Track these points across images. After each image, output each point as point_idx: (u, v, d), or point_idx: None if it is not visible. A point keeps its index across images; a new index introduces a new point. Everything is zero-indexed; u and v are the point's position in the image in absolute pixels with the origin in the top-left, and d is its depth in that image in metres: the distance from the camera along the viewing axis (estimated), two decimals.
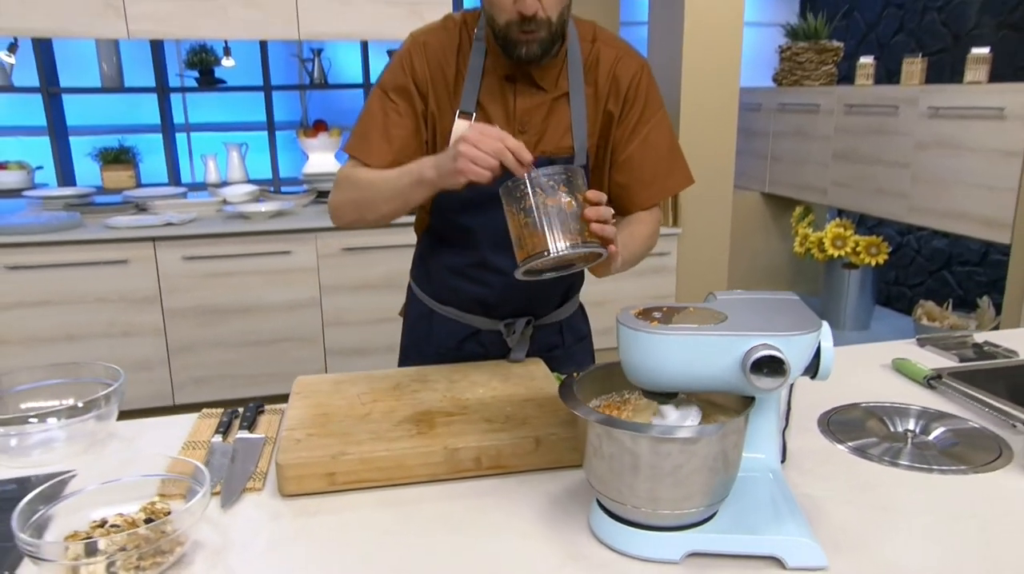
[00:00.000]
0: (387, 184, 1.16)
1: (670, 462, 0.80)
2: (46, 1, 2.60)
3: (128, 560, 0.81)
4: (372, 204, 1.19)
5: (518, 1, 1.11)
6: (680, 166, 1.33)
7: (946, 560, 0.85)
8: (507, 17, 1.14)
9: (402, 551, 0.88)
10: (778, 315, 0.87)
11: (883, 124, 3.61)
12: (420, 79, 1.24)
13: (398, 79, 1.25)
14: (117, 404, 1.17)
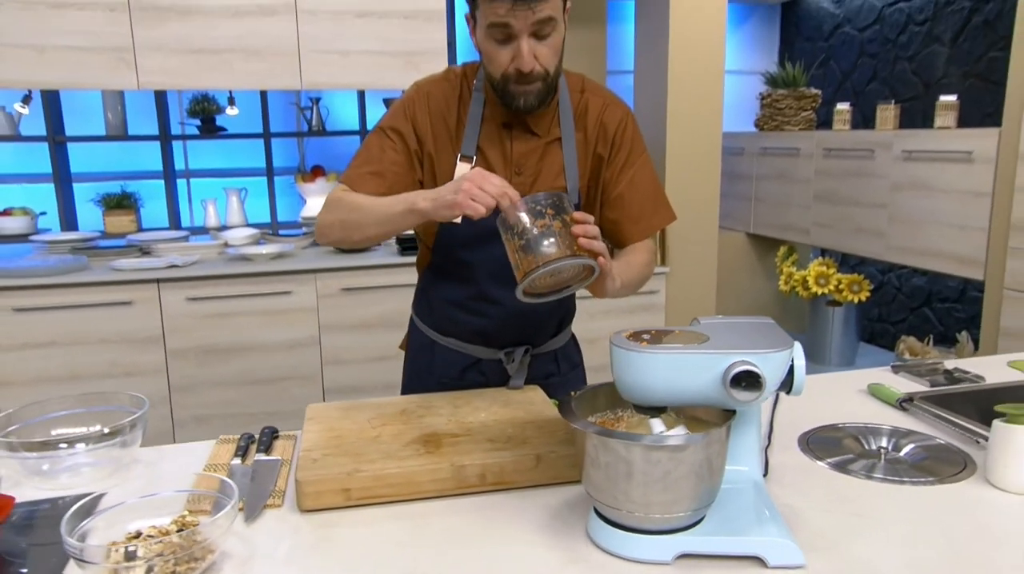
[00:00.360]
0: (378, 209, 1.23)
1: (660, 468, 0.88)
2: (62, 55, 2.72)
3: (165, 565, 0.88)
4: (360, 226, 1.26)
5: (516, 58, 1.22)
6: (664, 204, 1.44)
7: (915, 559, 0.93)
8: (505, 72, 1.25)
9: (414, 560, 0.95)
10: (755, 336, 0.96)
11: (860, 167, 3.77)
12: (420, 125, 1.35)
13: (398, 122, 1.35)
14: (141, 431, 1.24)
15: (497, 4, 1.17)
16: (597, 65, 4.23)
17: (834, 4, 4.79)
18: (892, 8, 4.33)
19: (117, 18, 2.74)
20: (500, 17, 1.19)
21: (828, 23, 4.86)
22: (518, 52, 1.21)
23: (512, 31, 1.20)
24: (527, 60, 1.21)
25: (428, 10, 3.06)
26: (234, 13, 2.84)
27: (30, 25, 2.68)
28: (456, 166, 1.34)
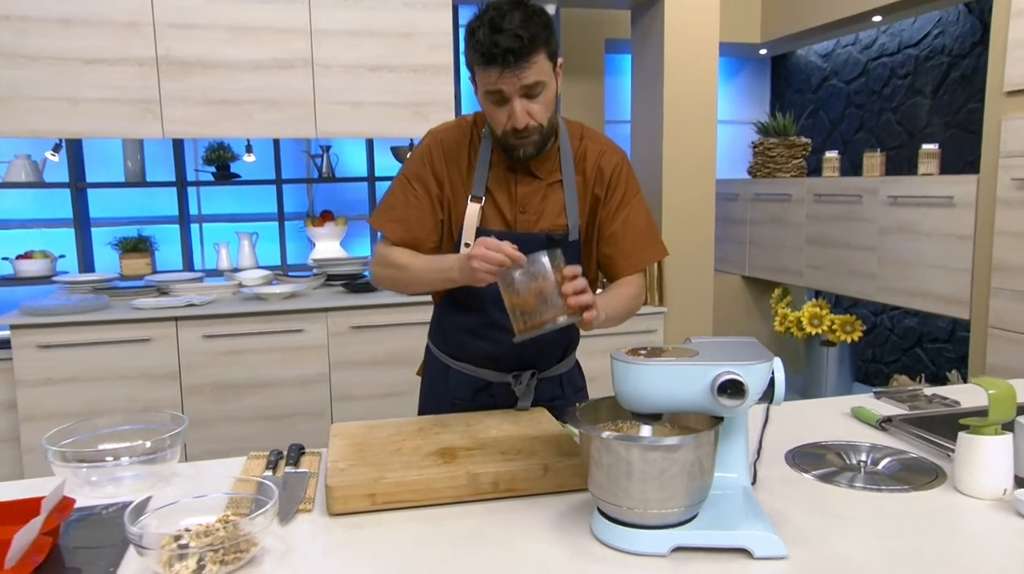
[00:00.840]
0: (420, 274, 1.45)
1: (656, 467, 0.99)
2: (93, 107, 2.89)
3: (215, 556, 0.98)
4: (406, 285, 1.50)
5: (511, 117, 1.37)
6: (656, 240, 1.57)
7: (887, 553, 1.03)
8: (504, 129, 1.41)
9: (434, 555, 1.05)
10: (739, 351, 1.08)
11: (849, 211, 3.93)
12: (437, 169, 1.50)
13: (418, 169, 1.51)
14: (180, 447, 1.35)
15: (489, 73, 1.34)
16: (595, 115, 4.42)
17: (821, 58, 5.02)
18: (876, 62, 4.55)
19: (146, 72, 2.92)
20: (493, 84, 1.35)
21: (816, 76, 5.08)
22: (512, 112, 1.37)
23: (505, 95, 1.36)
24: (520, 118, 1.37)
25: (436, 64, 3.25)
26: (255, 67, 3.02)
27: (64, 79, 2.86)
28: (467, 206, 1.48)
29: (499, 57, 1.31)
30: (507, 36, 1.30)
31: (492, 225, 1.49)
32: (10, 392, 2.87)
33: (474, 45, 1.35)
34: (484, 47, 1.32)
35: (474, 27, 1.36)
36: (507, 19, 1.31)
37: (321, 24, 3.07)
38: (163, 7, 2.91)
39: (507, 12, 1.33)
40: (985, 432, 1.18)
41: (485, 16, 1.34)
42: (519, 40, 1.30)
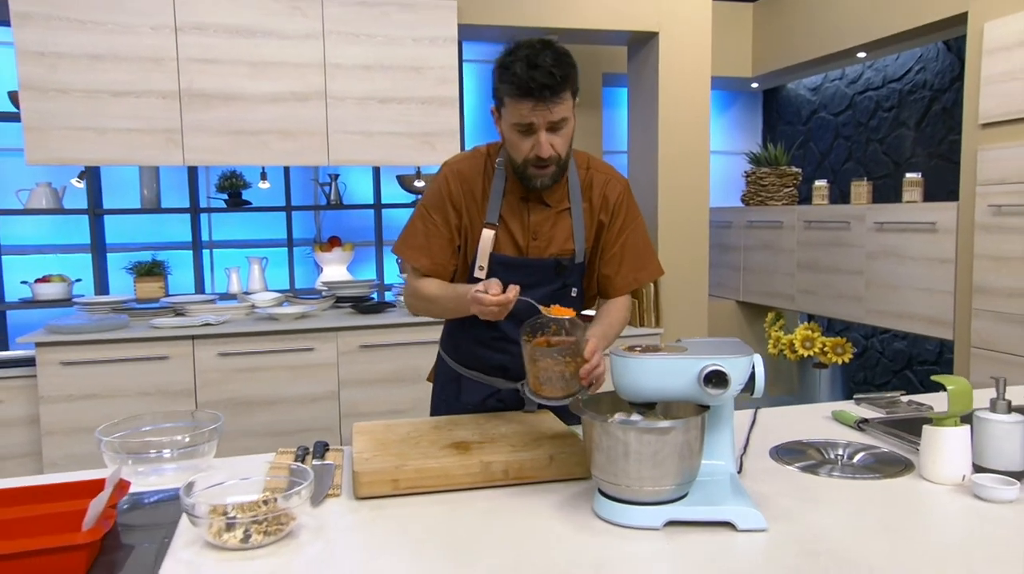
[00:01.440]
0: (445, 305, 1.61)
1: (650, 448, 1.12)
2: (120, 136, 3.05)
3: (259, 528, 1.11)
4: (433, 314, 1.68)
5: (535, 147, 1.50)
6: (652, 261, 1.71)
7: (858, 528, 1.16)
8: (526, 158, 1.53)
9: (452, 532, 1.17)
10: (723, 347, 1.22)
11: (838, 237, 4.09)
12: (455, 199, 1.63)
13: (436, 199, 1.63)
14: (216, 441, 1.48)
15: (522, 106, 1.46)
16: (594, 145, 4.60)
17: (810, 92, 5.23)
18: (862, 96, 4.75)
19: (169, 104, 3.09)
20: (524, 116, 1.47)
21: (806, 108, 5.28)
22: (538, 143, 1.49)
23: (534, 127, 1.48)
24: (545, 149, 1.50)
25: (442, 97, 3.43)
26: (271, 99, 3.19)
27: (93, 110, 3.02)
28: (482, 232, 1.61)
29: (535, 91, 1.44)
30: (543, 73, 1.43)
31: (505, 250, 1.62)
32: (33, 407, 2.99)
33: (510, 79, 1.46)
34: (521, 81, 1.44)
35: (508, 63, 1.47)
36: (541, 57, 1.44)
37: (335, 59, 3.25)
38: (187, 44, 3.09)
39: (540, 51, 1.46)
40: (946, 424, 1.31)
41: (520, 53, 1.46)
42: (553, 77, 1.43)
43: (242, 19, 3.14)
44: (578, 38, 3.92)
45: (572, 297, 1.64)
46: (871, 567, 1.03)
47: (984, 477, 1.26)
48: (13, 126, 3.73)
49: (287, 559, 1.08)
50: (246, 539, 1.10)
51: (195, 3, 3.09)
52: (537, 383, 1.40)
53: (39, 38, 2.94)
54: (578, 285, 1.66)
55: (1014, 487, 1.23)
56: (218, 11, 3.11)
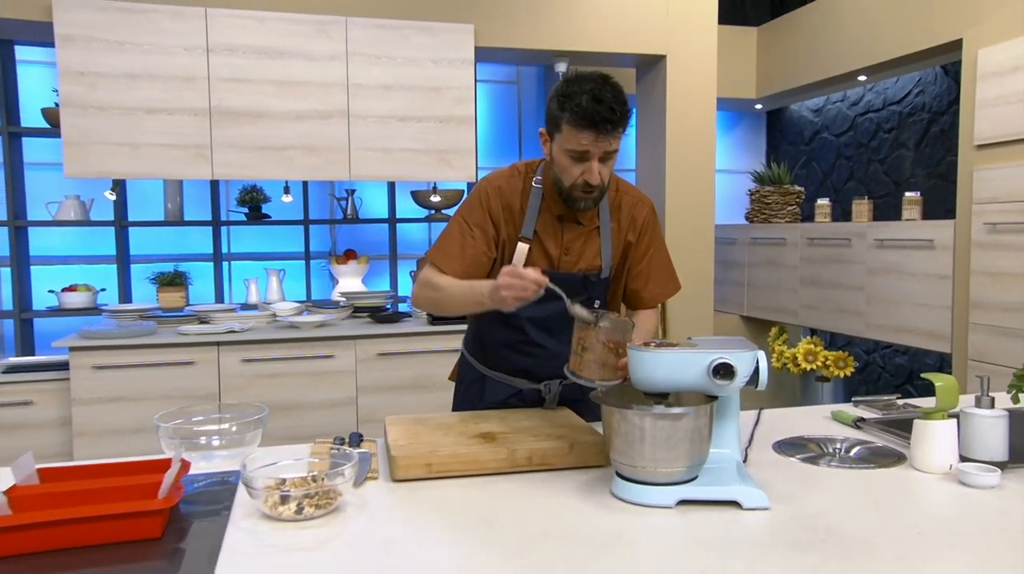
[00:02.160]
0: (457, 298, 1.65)
1: (664, 433, 1.24)
2: (153, 151, 3.21)
3: (310, 501, 1.23)
4: (443, 305, 1.69)
5: (586, 174, 1.59)
6: (673, 277, 1.85)
7: (852, 509, 1.27)
8: (573, 182, 1.62)
9: (483, 508, 1.29)
10: (730, 344, 1.34)
11: (840, 254, 4.21)
12: (494, 213, 1.73)
13: (476, 214, 1.73)
14: (261, 430, 1.60)
15: (582, 135, 1.55)
16: None
17: (813, 113, 5.38)
18: (863, 118, 4.89)
19: (200, 121, 3.24)
20: (582, 145, 1.57)
21: (808, 129, 5.43)
22: (589, 171, 1.59)
23: (588, 155, 1.58)
24: (595, 176, 1.60)
25: (459, 116, 3.57)
26: (296, 117, 3.34)
27: (129, 126, 3.17)
28: (517, 246, 1.73)
29: (598, 124, 1.53)
30: (606, 107, 1.52)
31: (539, 264, 1.73)
32: (66, 410, 3.11)
33: (574, 109, 1.53)
34: (586, 113, 1.52)
35: (572, 92, 1.55)
36: (605, 91, 1.53)
37: (357, 79, 3.41)
38: (217, 64, 3.24)
39: (603, 86, 1.54)
40: (934, 417, 1.43)
41: (585, 86, 1.54)
42: (615, 113, 1.52)
43: (270, 41, 3.29)
44: (589, 60, 4.08)
45: (595, 308, 1.76)
46: (864, 540, 1.14)
47: (968, 465, 1.37)
48: (43, 141, 3.89)
49: (337, 530, 1.20)
50: (299, 511, 1.22)
51: (226, 26, 3.25)
52: (579, 364, 1.50)
53: (81, 58, 3.10)
54: (602, 298, 1.78)
55: (995, 474, 1.35)
56: (248, 33, 3.27)
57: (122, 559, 1.07)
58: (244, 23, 3.26)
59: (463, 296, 1.64)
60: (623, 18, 3.77)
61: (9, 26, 3.22)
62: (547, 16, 3.67)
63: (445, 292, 1.67)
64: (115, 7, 3.12)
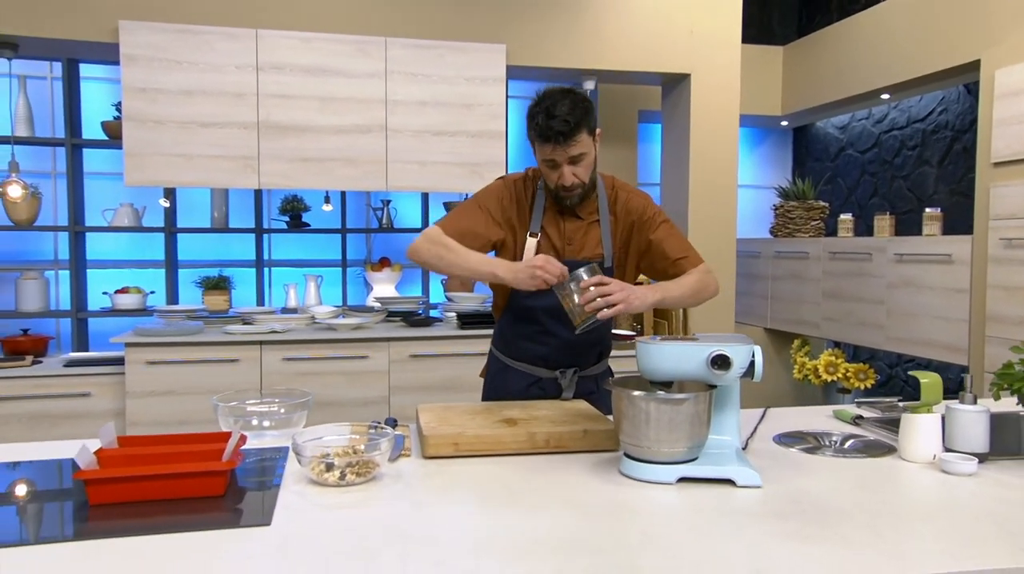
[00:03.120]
0: (469, 261, 1.82)
1: (667, 416, 1.39)
2: (205, 162, 3.44)
3: (351, 469, 1.40)
4: (451, 265, 1.84)
5: (560, 178, 1.83)
6: (693, 250, 1.97)
7: (839, 489, 1.40)
8: (554, 184, 1.86)
9: (506, 480, 1.45)
10: (729, 339, 1.48)
11: (861, 268, 4.30)
12: (505, 205, 1.94)
13: (489, 200, 1.94)
14: (306, 413, 1.78)
15: (545, 147, 1.81)
16: (629, 177, 4.89)
17: (838, 130, 5.47)
18: (888, 135, 4.98)
19: (248, 134, 3.47)
20: (548, 155, 1.82)
21: (834, 146, 5.52)
22: (561, 175, 1.83)
23: (557, 162, 1.82)
24: (567, 179, 1.83)
25: (491, 131, 3.76)
26: (338, 131, 3.56)
27: (184, 139, 3.41)
28: (527, 239, 1.92)
29: (552, 137, 1.78)
30: (558, 121, 1.76)
31: (545, 253, 1.92)
32: (120, 402, 3.33)
33: (534, 127, 1.81)
34: (542, 129, 1.79)
35: (534, 112, 1.81)
36: (559, 106, 1.77)
37: (395, 96, 3.61)
38: (266, 81, 3.47)
39: (559, 100, 1.78)
40: (920, 411, 1.55)
41: (543, 104, 1.80)
42: (567, 124, 1.76)
43: (315, 60, 3.51)
44: (616, 78, 4.24)
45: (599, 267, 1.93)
46: (842, 512, 1.28)
47: (950, 454, 1.50)
48: (102, 152, 4.16)
49: (375, 494, 1.37)
50: (342, 478, 1.39)
51: (275, 46, 3.48)
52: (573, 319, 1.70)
53: (143, 76, 3.35)
54: None
55: (972, 462, 1.47)
56: (294, 53, 3.49)
57: (192, 510, 1.25)
58: (291, 43, 3.49)
59: (476, 263, 1.81)
60: (648, 38, 3.93)
61: (77, 46, 3.47)
62: (576, 37, 3.84)
63: (457, 254, 1.83)
64: (175, 29, 3.37)
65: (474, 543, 1.14)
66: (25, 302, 4.05)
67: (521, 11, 3.78)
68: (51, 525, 1.23)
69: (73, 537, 1.15)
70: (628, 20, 3.90)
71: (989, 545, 1.15)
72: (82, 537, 1.14)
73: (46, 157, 4.21)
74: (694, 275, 1.93)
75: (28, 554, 1.09)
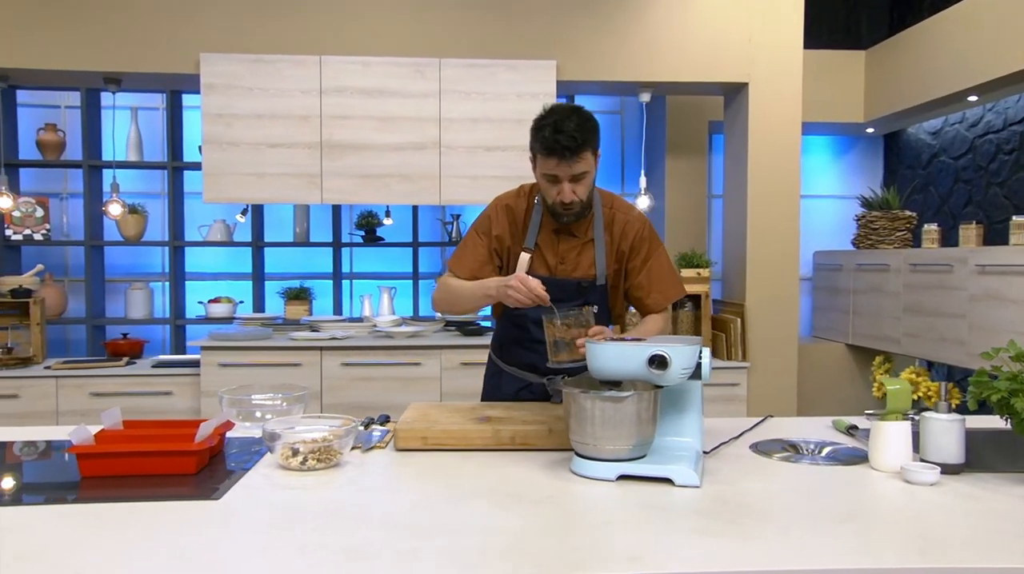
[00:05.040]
0: (467, 294, 1.92)
1: (606, 414, 1.43)
2: (273, 179, 3.72)
3: (314, 454, 1.51)
4: (457, 304, 1.97)
5: (560, 194, 1.84)
6: (676, 283, 2.00)
7: (781, 493, 1.39)
8: (552, 200, 1.87)
9: (464, 471, 1.52)
10: (676, 340, 1.50)
11: (942, 280, 4.05)
12: (500, 227, 1.99)
13: (485, 226, 2.01)
14: (303, 405, 1.92)
15: (549, 161, 1.81)
16: (699, 190, 4.83)
17: (931, 135, 5.17)
18: (982, 139, 4.67)
19: (312, 153, 3.73)
20: (551, 170, 1.83)
21: (926, 152, 5.22)
22: (562, 191, 1.83)
23: (559, 178, 1.83)
24: (567, 196, 1.83)
25: None
26: (394, 148, 3.75)
27: (255, 159, 3.71)
28: (520, 256, 1.98)
29: (559, 152, 1.78)
30: (566, 137, 1.76)
31: (539, 270, 1.97)
32: (196, 401, 3.64)
33: (540, 140, 1.81)
34: (548, 143, 1.78)
35: (541, 125, 1.81)
36: (567, 122, 1.76)
37: (449, 114, 3.77)
38: (329, 104, 3.72)
39: (567, 116, 1.78)
40: (888, 419, 1.50)
41: (550, 118, 1.80)
42: (575, 141, 1.76)
43: (374, 82, 3.73)
44: (671, 90, 4.22)
45: (594, 313, 1.94)
46: (764, 514, 1.27)
47: (912, 464, 1.44)
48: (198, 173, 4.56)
49: (329, 479, 1.48)
50: (304, 462, 1.51)
51: (337, 70, 3.72)
52: (553, 352, 1.74)
53: (221, 102, 3.68)
54: (601, 303, 1.97)
55: (934, 472, 1.41)
56: (355, 76, 3.73)
57: (162, 485, 1.40)
58: (352, 67, 3.72)
59: (472, 291, 1.90)
60: (704, 47, 3.90)
61: (177, 79, 3.86)
62: (628, 49, 3.87)
63: (456, 291, 1.94)
64: (249, 59, 3.68)
65: (392, 523, 1.23)
66: (132, 310, 4.49)
67: (572, 26, 3.85)
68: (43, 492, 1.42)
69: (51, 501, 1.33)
70: (683, 30, 3.89)
71: (894, 547, 1.12)
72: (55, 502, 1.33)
73: (156, 179, 4.65)
74: (659, 323, 1.96)
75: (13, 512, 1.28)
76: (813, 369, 4.80)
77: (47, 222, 4.47)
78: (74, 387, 3.64)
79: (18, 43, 3.63)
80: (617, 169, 5.02)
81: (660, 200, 4.78)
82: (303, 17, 3.75)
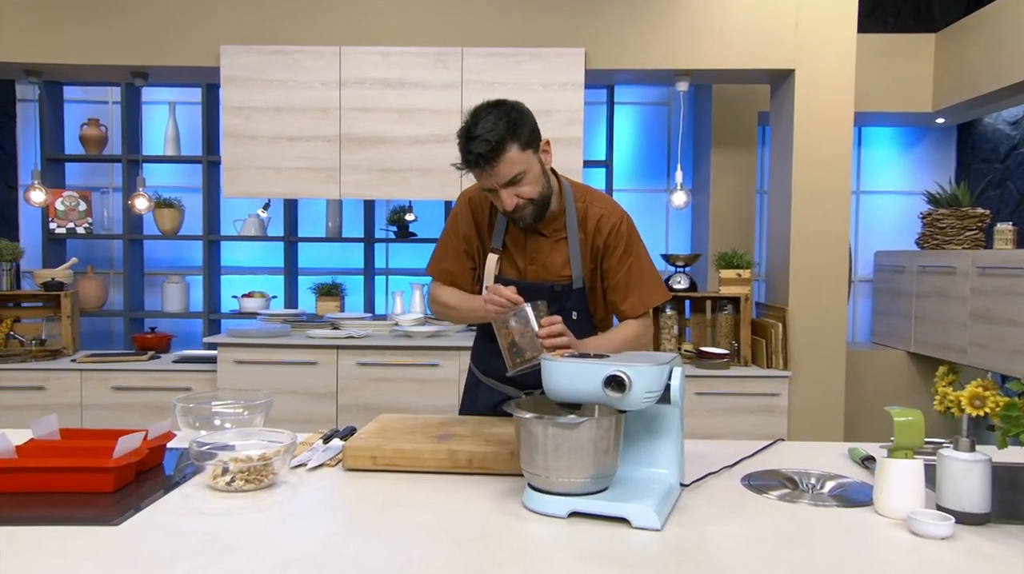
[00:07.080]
0: (465, 313, 1.82)
1: (556, 441, 1.24)
2: (292, 174, 3.64)
3: (243, 474, 1.38)
4: (451, 318, 1.90)
5: (500, 202, 1.63)
6: (657, 286, 1.79)
7: (752, 541, 1.18)
8: (501, 206, 1.66)
9: (407, 497, 1.37)
10: (641, 359, 1.30)
11: (1014, 285, 3.67)
12: (467, 228, 1.83)
13: (453, 226, 1.85)
14: (264, 414, 1.80)
15: (474, 173, 1.62)
16: (748, 183, 4.52)
17: (1010, 126, 4.72)
18: None
19: (330, 147, 3.63)
20: (480, 182, 1.65)
21: (1004, 144, 4.77)
22: (499, 199, 1.63)
23: (492, 186, 1.63)
24: (508, 204, 1.62)
25: (567, 137, 3.64)
26: (414, 142, 3.62)
27: (274, 153, 3.64)
28: (488, 256, 1.81)
29: (475, 162, 1.58)
30: (477, 143, 1.55)
31: (508, 273, 1.80)
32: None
33: (460, 150, 1.60)
34: (463, 155, 1.59)
35: (459, 132, 1.61)
36: (480, 125, 1.55)
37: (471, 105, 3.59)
38: (348, 95, 3.62)
39: (480, 118, 1.57)
40: (896, 455, 1.27)
41: (466, 123, 1.60)
42: (487, 145, 1.54)
43: (394, 73, 3.60)
44: (714, 78, 3.96)
45: (573, 320, 1.74)
46: (728, 568, 1.06)
47: (921, 512, 1.21)
48: None
49: (253, 502, 1.34)
50: (230, 483, 1.38)
51: (356, 61, 3.61)
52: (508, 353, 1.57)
53: (240, 95, 3.62)
54: (579, 309, 1.78)
55: (947, 524, 1.17)
56: (374, 67, 3.61)
57: (71, 505, 1.29)
58: (372, 58, 3.60)
59: (469, 312, 1.81)
60: (745, 32, 3.62)
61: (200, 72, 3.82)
62: (662, 35, 3.63)
63: (456, 311, 1.84)
64: (268, 51, 3.60)
65: (290, 561, 1.08)
66: (168, 303, 4.52)
67: (601, 11, 3.63)
68: None
69: None
70: (721, 13, 3.62)
71: None
72: None
73: (195, 174, 4.65)
74: (632, 329, 1.76)
75: None
76: (871, 378, 4.45)
77: (89, 216, 4.53)
78: (98, 380, 3.65)
79: (47, 39, 3.65)
80: (662, 164, 4.77)
81: (705, 196, 4.51)
82: (322, 7, 3.65)
